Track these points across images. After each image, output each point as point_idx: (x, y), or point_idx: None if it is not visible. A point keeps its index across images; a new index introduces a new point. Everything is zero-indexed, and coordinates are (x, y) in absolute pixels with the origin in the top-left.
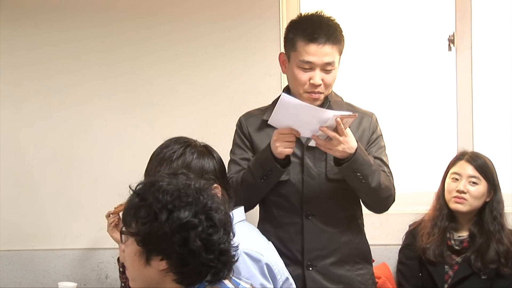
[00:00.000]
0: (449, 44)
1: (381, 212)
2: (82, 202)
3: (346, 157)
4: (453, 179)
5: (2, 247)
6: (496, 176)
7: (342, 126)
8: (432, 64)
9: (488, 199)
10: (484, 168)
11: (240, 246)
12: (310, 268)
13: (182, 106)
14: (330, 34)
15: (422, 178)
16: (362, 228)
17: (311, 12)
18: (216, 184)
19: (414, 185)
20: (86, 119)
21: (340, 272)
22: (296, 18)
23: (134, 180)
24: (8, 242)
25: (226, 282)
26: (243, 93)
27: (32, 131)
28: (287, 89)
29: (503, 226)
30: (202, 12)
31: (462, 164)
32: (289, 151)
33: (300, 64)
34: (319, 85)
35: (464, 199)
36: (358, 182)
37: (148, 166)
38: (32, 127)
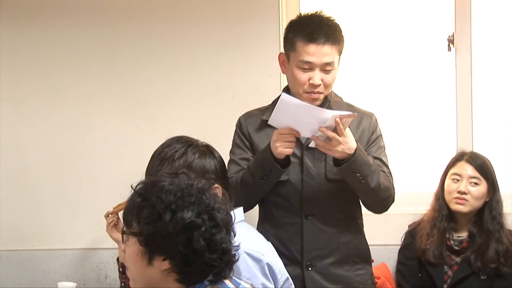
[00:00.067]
0: (448, 45)
1: (380, 212)
2: (81, 202)
3: (346, 157)
4: (453, 180)
5: (1, 247)
6: (495, 176)
7: (341, 126)
8: (432, 64)
9: (488, 199)
10: (484, 168)
11: (241, 246)
12: (310, 268)
13: (182, 106)
14: (329, 34)
15: (422, 178)
16: (361, 228)
17: (311, 12)
18: (216, 184)
19: (414, 185)
20: (85, 119)
21: (340, 272)
22: (295, 18)
23: (133, 180)
24: (8, 242)
25: (226, 282)
26: (242, 93)
27: (31, 131)
28: (287, 89)
29: (503, 226)
30: (202, 12)
31: (462, 164)
32: (289, 151)
33: (300, 64)
34: (318, 85)
35: (465, 200)
36: (357, 182)
37: (149, 165)
38: (31, 127)
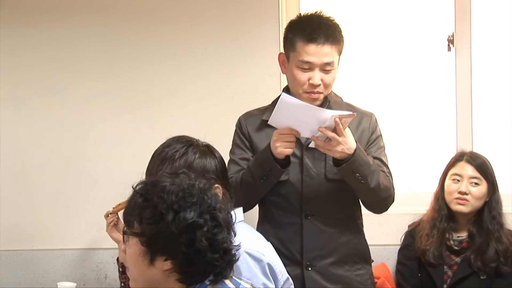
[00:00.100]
0: (448, 45)
1: (380, 212)
2: (81, 202)
3: (345, 157)
4: (453, 180)
5: (1, 247)
6: (495, 176)
7: (340, 126)
8: (432, 64)
9: (487, 199)
10: (484, 168)
11: (241, 246)
12: (309, 268)
13: (182, 106)
14: (329, 34)
15: (422, 178)
16: (361, 228)
17: (311, 12)
18: (217, 184)
19: (414, 185)
20: (85, 119)
21: (339, 272)
22: (295, 18)
23: (133, 180)
24: (8, 242)
25: (227, 282)
26: (242, 93)
27: (31, 131)
28: (287, 89)
29: (502, 226)
30: (202, 12)
31: (462, 165)
32: (289, 151)
33: (299, 64)
34: (318, 85)
35: (466, 200)
36: (357, 182)
37: (149, 164)
38: (31, 127)
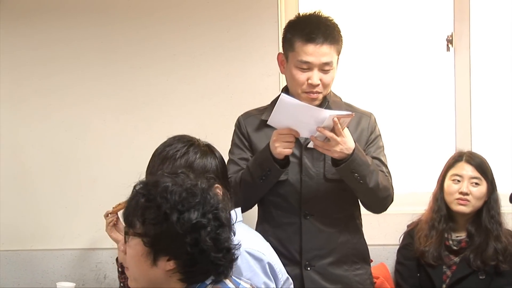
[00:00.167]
0: (447, 45)
1: (379, 212)
2: (80, 202)
3: (344, 157)
4: (454, 180)
5: (0, 247)
6: (493, 175)
7: (339, 126)
8: (431, 64)
9: (486, 199)
10: (484, 168)
11: (241, 246)
12: (308, 268)
13: (181, 106)
14: (328, 34)
15: (421, 178)
16: (360, 228)
17: (309, 12)
18: (217, 184)
19: (413, 185)
20: (84, 119)
21: (338, 272)
22: (294, 18)
23: (133, 180)
24: (7, 242)
25: (227, 281)
26: (241, 93)
27: (31, 131)
28: (286, 89)
29: (501, 225)
30: (201, 12)
31: (462, 165)
32: (288, 151)
33: (298, 64)
34: (317, 85)
35: (467, 201)
36: (356, 182)
37: (150, 163)
38: (31, 127)
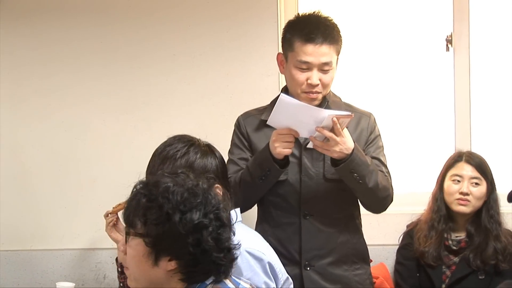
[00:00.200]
0: (447, 45)
1: (379, 212)
2: (80, 202)
3: (343, 157)
4: (454, 181)
5: (0, 247)
6: (492, 175)
7: (338, 126)
8: (430, 64)
9: (486, 198)
10: (483, 168)
11: (241, 245)
12: (308, 268)
13: (180, 106)
14: (327, 34)
15: (420, 178)
16: (359, 228)
17: (309, 12)
18: (217, 184)
19: (412, 185)
20: (84, 119)
21: (338, 272)
22: (293, 18)
23: (132, 180)
24: (6, 242)
25: (227, 281)
26: (241, 93)
27: (30, 131)
28: (285, 89)
29: (500, 224)
30: (200, 12)
31: (462, 165)
32: (288, 151)
33: (298, 64)
34: (316, 85)
35: (467, 201)
36: (355, 182)
37: (150, 163)
38: (30, 127)
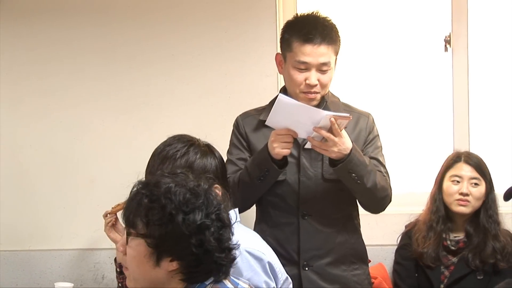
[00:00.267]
0: (445, 45)
1: (377, 212)
2: (78, 203)
3: (341, 157)
4: (453, 181)
5: None
6: (491, 175)
7: (336, 126)
8: (428, 64)
9: (485, 198)
10: (482, 168)
11: (241, 245)
12: (306, 268)
13: (179, 106)
14: (325, 34)
15: (419, 179)
16: (358, 228)
17: (307, 13)
18: (216, 184)
19: (411, 185)
20: (83, 120)
21: (336, 272)
22: (292, 19)
23: (131, 181)
24: (5, 243)
25: (226, 282)
26: (239, 93)
27: (29, 131)
28: (284, 89)
29: (499, 224)
30: (199, 12)
31: (461, 165)
32: (286, 151)
33: (296, 65)
34: (315, 85)
35: (467, 201)
36: (353, 182)
37: (149, 163)
38: (29, 127)
